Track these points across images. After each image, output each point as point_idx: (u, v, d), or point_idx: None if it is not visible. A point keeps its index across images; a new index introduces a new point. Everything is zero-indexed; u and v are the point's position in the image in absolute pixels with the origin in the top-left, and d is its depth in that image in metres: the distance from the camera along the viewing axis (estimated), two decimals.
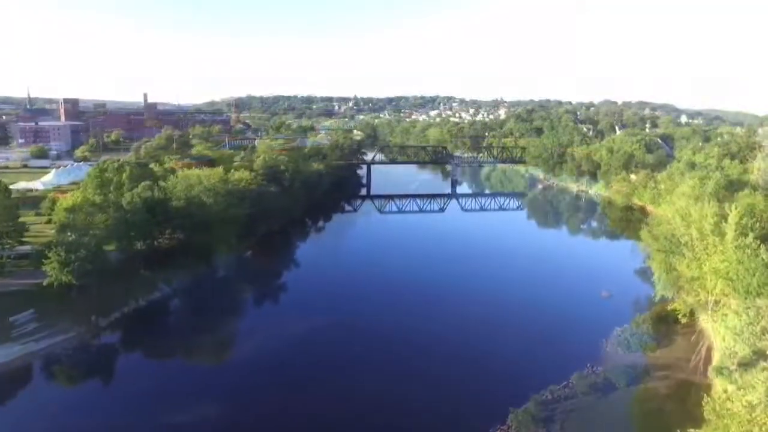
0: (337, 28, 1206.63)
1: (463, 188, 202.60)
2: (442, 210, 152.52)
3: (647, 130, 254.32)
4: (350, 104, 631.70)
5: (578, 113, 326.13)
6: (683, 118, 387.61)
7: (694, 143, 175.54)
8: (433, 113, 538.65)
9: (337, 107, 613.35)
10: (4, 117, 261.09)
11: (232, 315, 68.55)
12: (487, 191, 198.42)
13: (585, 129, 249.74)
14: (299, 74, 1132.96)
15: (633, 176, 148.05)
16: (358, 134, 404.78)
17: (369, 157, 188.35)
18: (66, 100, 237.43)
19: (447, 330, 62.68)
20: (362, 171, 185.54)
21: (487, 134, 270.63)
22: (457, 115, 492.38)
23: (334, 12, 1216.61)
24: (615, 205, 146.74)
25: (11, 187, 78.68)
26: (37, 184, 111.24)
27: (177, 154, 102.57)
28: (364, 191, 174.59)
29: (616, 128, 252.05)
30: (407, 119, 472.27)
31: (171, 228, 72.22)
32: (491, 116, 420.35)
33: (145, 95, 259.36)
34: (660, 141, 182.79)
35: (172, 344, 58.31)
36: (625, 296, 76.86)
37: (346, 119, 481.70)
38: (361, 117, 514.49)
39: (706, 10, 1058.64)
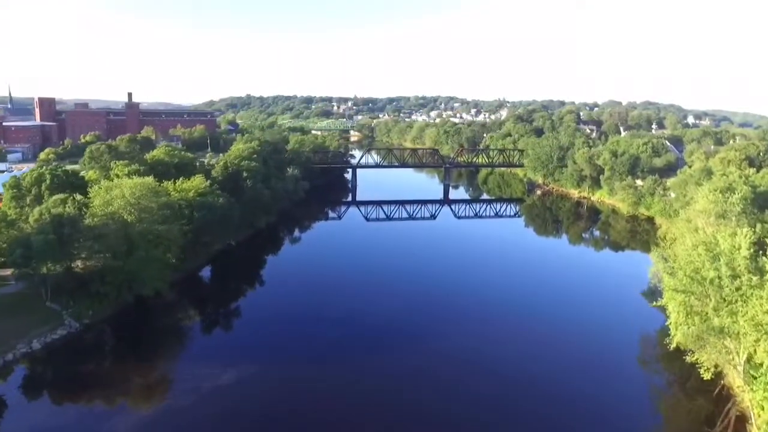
0: (338, 28, 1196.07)
1: (459, 193, 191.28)
2: (433, 217, 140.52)
3: (654, 131, 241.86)
4: (349, 104, 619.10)
5: (581, 113, 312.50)
6: (690, 119, 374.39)
7: (705, 146, 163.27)
8: (433, 113, 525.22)
9: (336, 107, 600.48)
10: None
11: (151, 360, 55.27)
12: (483, 196, 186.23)
13: (588, 130, 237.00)
14: (299, 74, 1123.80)
15: (639, 182, 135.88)
16: (355, 135, 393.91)
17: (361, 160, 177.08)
18: (42, 99, 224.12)
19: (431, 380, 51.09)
20: (350, 175, 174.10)
21: (485, 135, 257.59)
22: (458, 115, 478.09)
23: (334, 12, 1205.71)
24: (620, 214, 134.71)
25: None
26: None
27: (125, 159, 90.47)
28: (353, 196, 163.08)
29: (621, 129, 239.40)
30: (406, 119, 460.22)
31: (85, 250, 60.02)
32: (493, 116, 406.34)
33: (130, 94, 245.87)
34: (668, 143, 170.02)
35: (59, 404, 46.20)
36: (630, 326, 65.36)
37: (344, 119, 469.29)
38: (359, 117, 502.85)
39: (712, 9, 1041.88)
